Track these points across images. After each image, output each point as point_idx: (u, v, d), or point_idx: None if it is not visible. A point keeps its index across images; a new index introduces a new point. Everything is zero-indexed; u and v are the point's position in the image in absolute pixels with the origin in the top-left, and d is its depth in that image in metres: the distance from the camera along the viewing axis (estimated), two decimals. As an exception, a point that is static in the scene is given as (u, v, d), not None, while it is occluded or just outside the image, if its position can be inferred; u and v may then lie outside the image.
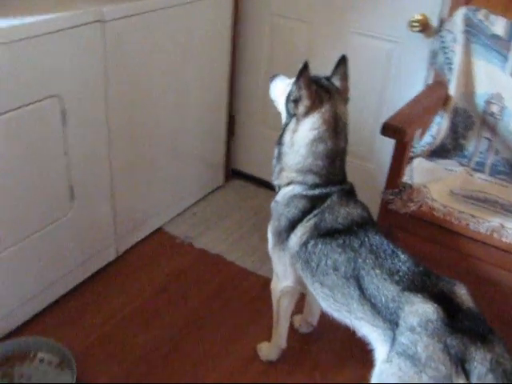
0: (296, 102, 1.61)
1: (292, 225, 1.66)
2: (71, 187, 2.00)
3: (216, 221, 2.70)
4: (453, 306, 1.35)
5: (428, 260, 1.71)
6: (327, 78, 1.69)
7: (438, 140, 2.17)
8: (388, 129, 1.83)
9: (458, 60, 2.10)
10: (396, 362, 1.35)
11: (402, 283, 1.41)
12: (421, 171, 2.05)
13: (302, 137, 1.62)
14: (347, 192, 1.66)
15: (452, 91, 2.12)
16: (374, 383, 1.44)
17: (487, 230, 1.79)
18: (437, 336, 1.29)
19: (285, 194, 1.70)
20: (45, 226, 1.97)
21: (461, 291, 1.39)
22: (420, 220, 1.88)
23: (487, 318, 1.37)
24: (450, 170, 2.09)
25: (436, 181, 2.00)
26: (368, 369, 1.48)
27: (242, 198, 2.89)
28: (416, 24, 2.22)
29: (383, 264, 1.46)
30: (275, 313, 1.89)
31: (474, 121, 2.15)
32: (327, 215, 1.60)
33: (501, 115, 2.08)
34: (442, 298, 1.36)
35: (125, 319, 2.11)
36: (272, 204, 1.76)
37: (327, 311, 1.66)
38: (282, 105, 1.70)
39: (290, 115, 1.65)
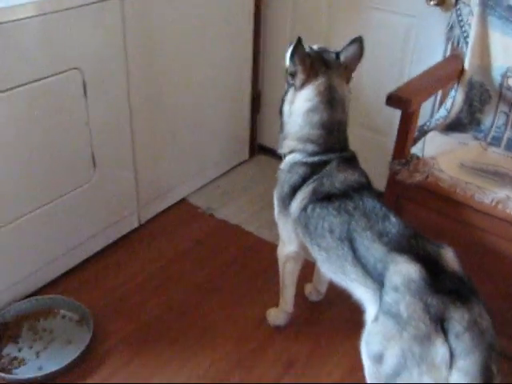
0: (292, 76, 1.67)
1: (294, 191, 1.71)
2: (93, 155, 2.11)
3: (238, 194, 2.77)
4: (437, 268, 1.38)
5: (434, 230, 1.72)
6: (337, 53, 1.72)
7: (453, 113, 2.16)
8: (393, 99, 1.85)
9: (474, 32, 2.08)
10: (381, 321, 1.40)
11: (390, 244, 1.44)
12: (433, 144, 2.06)
13: (299, 107, 1.69)
14: (347, 159, 1.70)
15: (467, 64, 2.11)
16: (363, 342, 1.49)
17: (492, 201, 1.78)
18: (418, 295, 1.33)
19: (287, 162, 1.76)
20: (69, 191, 2.08)
21: (447, 254, 1.42)
22: (426, 191, 1.89)
23: (490, 289, 1.37)
24: (464, 144, 2.08)
25: (447, 153, 2.00)
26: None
27: (266, 173, 2.92)
28: (433, -3, 2.21)
29: (374, 226, 1.50)
30: (281, 277, 1.95)
31: (491, 95, 2.12)
32: (325, 180, 1.65)
33: (517, 89, 2.05)
34: (427, 260, 1.39)
35: (142, 283, 2.21)
36: (278, 172, 1.82)
37: (326, 274, 1.72)
38: None
39: (289, 86, 1.71)
